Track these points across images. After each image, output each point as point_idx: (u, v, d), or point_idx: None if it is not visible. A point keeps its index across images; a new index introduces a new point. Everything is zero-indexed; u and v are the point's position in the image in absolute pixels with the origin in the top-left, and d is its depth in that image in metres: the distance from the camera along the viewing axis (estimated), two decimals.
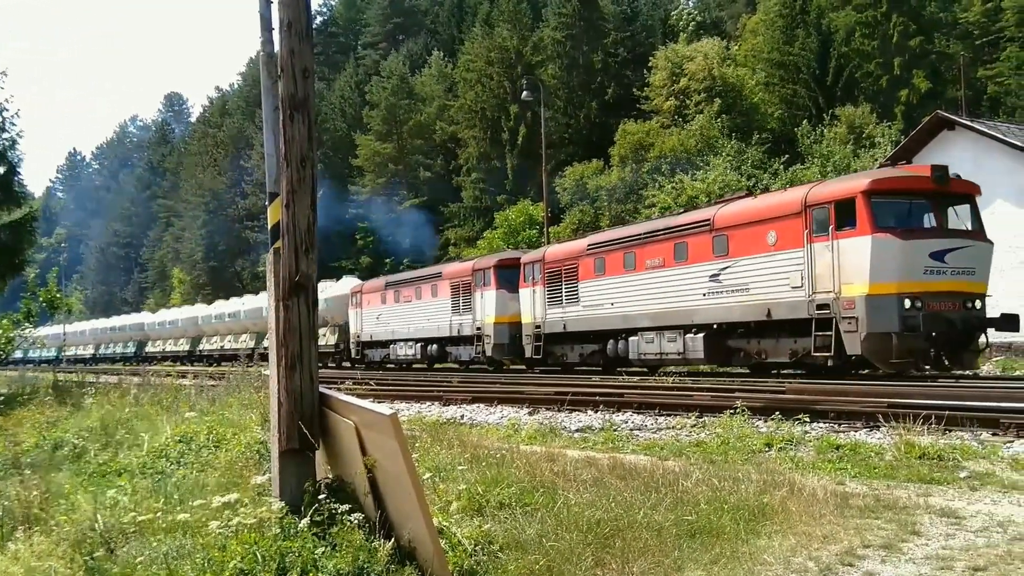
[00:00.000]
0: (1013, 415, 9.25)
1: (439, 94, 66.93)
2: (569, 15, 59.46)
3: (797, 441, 9.43)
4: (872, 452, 8.45)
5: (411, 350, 34.13)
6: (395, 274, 40.72)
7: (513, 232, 46.74)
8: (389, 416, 4.73)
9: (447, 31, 79.52)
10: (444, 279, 32.07)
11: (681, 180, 40.56)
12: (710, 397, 13.45)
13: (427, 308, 32.92)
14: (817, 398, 12.08)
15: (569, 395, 14.53)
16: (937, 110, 28.91)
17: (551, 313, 26.36)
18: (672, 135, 46.53)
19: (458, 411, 15.25)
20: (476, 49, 62.29)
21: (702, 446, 9.43)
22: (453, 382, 21.29)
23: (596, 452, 9.43)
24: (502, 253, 33.60)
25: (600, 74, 59.09)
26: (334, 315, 40.17)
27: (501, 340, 28.40)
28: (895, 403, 10.46)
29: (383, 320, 36.24)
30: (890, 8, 48.77)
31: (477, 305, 29.56)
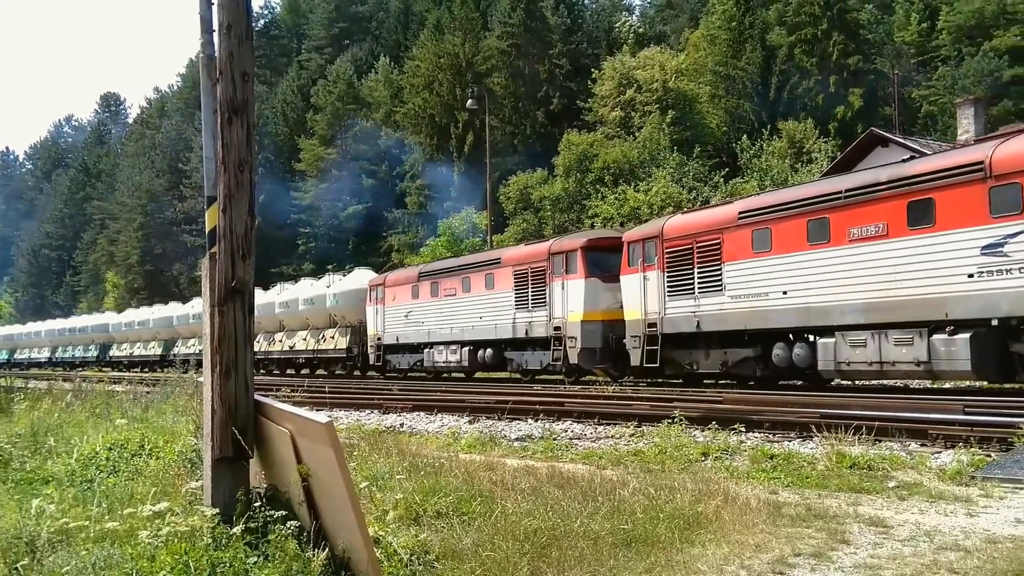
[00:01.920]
0: (941, 426, 9.49)
1: (385, 100, 66.63)
2: (515, 25, 59.73)
3: (733, 451, 9.57)
4: (805, 462, 8.59)
5: (454, 355, 27.82)
6: (432, 262, 34.65)
7: (456, 240, 46.68)
8: (325, 424, 4.67)
9: (392, 37, 79.25)
10: (505, 266, 25.79)
11: (624, 191, 40.94)
12: (649, 407, 13.59)
13: (479, 303, 26.81)
14: (753, 408, 12.27)
15: (510, 404, 14.54)
16: (872, 127, 29.75)
17: (674, 307, 20.06)
18: (615, 147, 46.97)
19: (398, 419, 15.17)
20: (425, 55, 62.17)
21: (640, 455, 9.51)
22: (393, 390, 21.15)
23: (535, 461, 9.45)
24: (590, 232, 26.84)
25: (545, 84, 59.44)
26: (344, 313, 35.28)
27: (591, 343, 22.39)
28: (828, 413, 10.68)
29: (414, 319, 29.95)
30: (829, 26, 49.97)
31: (555, 298, 23.49)
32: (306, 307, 37.58)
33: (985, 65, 46.73)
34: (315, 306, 36.87)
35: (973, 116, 27.05)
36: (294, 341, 38.39)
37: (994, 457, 8.06)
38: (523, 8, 59.60)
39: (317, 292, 37.33)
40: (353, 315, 34.45)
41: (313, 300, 37.11)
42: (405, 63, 66.87)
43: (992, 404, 11.48)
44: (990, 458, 8.04)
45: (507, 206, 48.58)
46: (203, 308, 5.74)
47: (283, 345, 39.31)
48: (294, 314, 38.72)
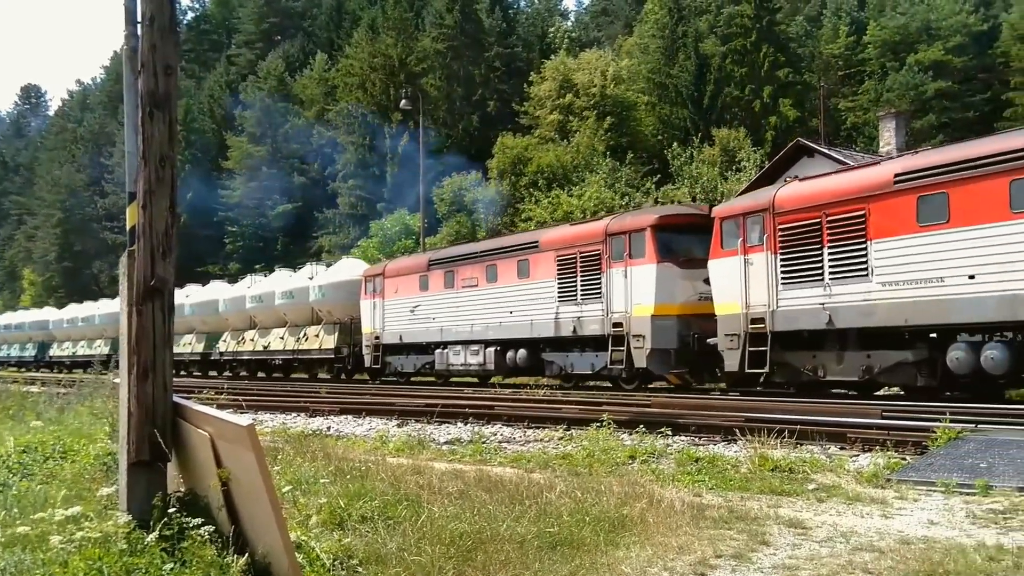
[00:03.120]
0: (859, 430, 9.73)
1: (318, 98, 65.86)
2: (450, 27, 59.65)
3: (659, 454, 9.66)
4: (729, 465, 8.71)
5: (475, 357, 23.78)
6: (447, 247, 30.98)
7: (389, 241, 46.37)
8: (245, 427, 4.56)
9: (325, 34, 78.45)
10: (545, 250, 21.78)
11: (557, 196, 41.18)
12: (578, 410, 13.65)
13: (509, 295, 22.87)
14: (680, 412, 12.44)
15: (439, 407, 14.47)
16: (799, 138, 30.49)
17: (792, 297, 15.93)
18: (549, 151, 47.22)
19: (325, 422, 14.97)
20: (358, 54, 61.66)
21: (568, 458, 9.53)
22: (321, 392, 20.88)
23: (464, 464, 9.40)
24: (661, 208, 22.92)
25: (481, 87, 59.50)
26: (330, 309, 31.30)
27: (664, 342, 18.57)
28: (752, 417, 10.88)
29: (423, 314, 26.05)
30: (759, 38, 51.08)
31: (614, 288, 19.59)
32: (284, 301, 33.76)
33: (909, 79, 48.34)
34: (295, 300, 33.12)
35: (895, 129, 27.85)
36: (268, 340, 34.76)
37: (909, 460, 8.29)
38: (459, 10, 59.55)
39: (297, 284, 33.47)
40: (341, 310, 30.71)
41: (292, 293, 33.31)
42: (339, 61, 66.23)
43: (909, 409, 11.84)
44: (905, 461, 8.27)
45: (440, 208, 48.45)
46: (120, 307, 5.58)
47: (255, 344, 35.50)
48: (269, 309, 34.92)
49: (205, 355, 39.38)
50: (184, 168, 63.85)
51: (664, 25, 53.79)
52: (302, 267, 36.47)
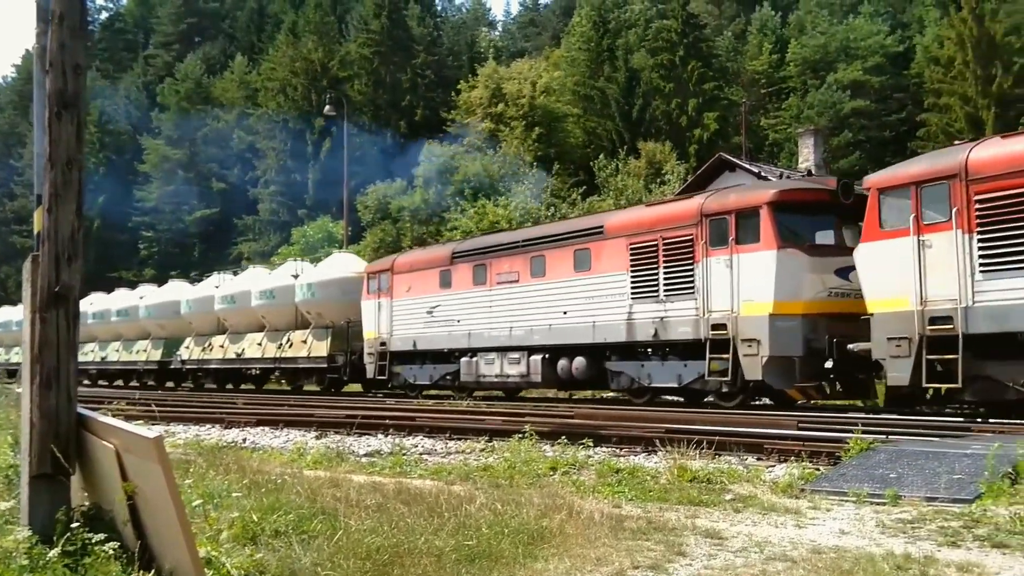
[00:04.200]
0: (775, 440, 9.93)
1: (239, 101, 64.72)
2: (377, 32, 59.30)
3: (581, 465, 9.69)
4: (649, 476, 8.77)
5: (516, 367, 19.96)
6: (476, 236, 26.71)
7: (311, 249, 45.74)
8: (152, 439, 4.41)
9: (246, 37, 77.21)
10: (613, 236, 18.02)
11: (484, 205, 41.20)
12: (501, 421, 13.64)
13: (563, 291, 19.07)
14: (602, 423, 12.52)
15: (359, 418, 14.27)
16: (721, 152, 31.21)
17: (996, 288, 12.36)
18: (476, 160, 47.27)
19: (240, 434, 14.63)
20: (280, 58, 60.83)
21: (490, 470, 9.48)
22: (237, 403, 20.40)
23: (383, 477, 9.27)
24: (779, 182, 17.82)
25: (408, 94, 59.24)
26: (320, 310, 27.48)
27: (786, 349, 14.91)
28: (673, 428, 11.00)
29: (444, 315, 22.24)
30: (687, 53, 52.05)
31: (713, 281, 15.90)
32: (263, 302, 29.78)
33: (828, 97, 49.87)
34: (276, 300, 29.27)
35: (813, 145, 28.65)
36: (242, 346, 30.74)
37: (822, 471, 8.47)
38: (387, 16, 59.27)
39: (279, 283, 29.60)
40: (335, 312, 26.89)
41: (273, 293, 29.53)
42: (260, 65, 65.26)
43: (824, 420, 12.12)
44: (819, 471, 8.44)
45: (364, 216, 48.03)
46: (24, 314, 5.35)
47: (226, 351, 31.41)
48: (243, 311, 30.89)
49: (163, 364, 34.89)
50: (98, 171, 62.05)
51: (590, 38, 54.44)
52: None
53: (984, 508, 6.60)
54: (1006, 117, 36.87)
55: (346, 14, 65.89)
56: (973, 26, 43.06)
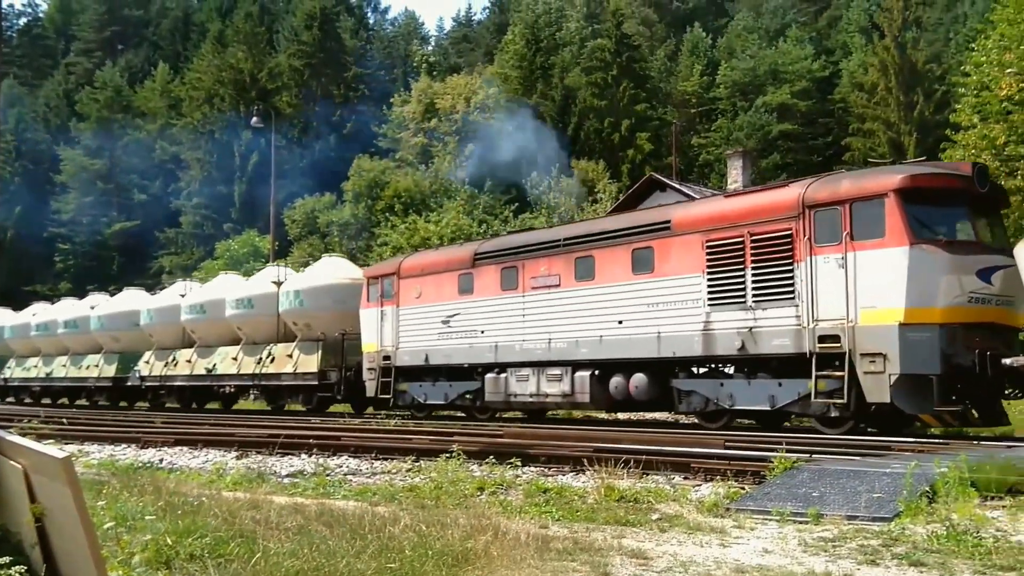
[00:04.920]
0: (702, 460, 9.97)
1: (162, 111, 63.31)
2: (308, 44, 58.74)
3: (508, 485, 9.60)
4: (576, 495, 8.72)
5: (556, 384, 17.43)
6: (504, 236, 23.37)
7: (236, 263, 44.89)
8: (61, 459, 4.20)
9: (171, 45, 75.72)
10: (683, 232, 15.53)
11: (414, 221, 41.00)
12: (429, 441, 13.45)
13: (617, 297, 16.48)
14: (531, 442, 12.43)
15: (282, 438, 13.93)
16: (652, 172, 31.64)
17: None
18: (407, 175, 47.04)
19: (157, 454, 14.16)
20: (206, 67, 59.77)
21: (416, 491, 9.34)
22: (156, 423, 19.77)
23: (305, 498, 9.04)
24: (907, 166, 14.50)
25: (339, 107, 58.73)
26: (309, 320, 24.71)
27: (920, 366, 12.50)
28: (601, 448, 10.96)
29: (463, 325, 19.59)
30: (620, 73, 52.70)
31: (820, 283, 13.51)
32: (239, 312, 27.02)
33: (757, 120, 51.03)
34: (255, 310, 26.57)
35: (741, 167, 29.20)
36: (213, 361, 27.86)
37: (747, 490, 8.52)
38: (319, 27, 58.78)
39: (259, 290, 26.88)
40: (326, 323, 24.21)
41: (252, 302, 26.74)
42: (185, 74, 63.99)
43: (750, 439, 12.24)
44: (744, 490, 8.49)
45: (292, 230, 47.35)
46: None
47: (193, 367, 28.48)
48: (215, 322, 27.95)
49: (118, 380, 31.72)
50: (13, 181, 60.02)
51: (523, 56, 54.81)
52: (262, 269, 30.36)
53: (902, 526, 6.70)
54: (926, 143, 38.17)
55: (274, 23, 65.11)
56: (895, 54, 44.66)
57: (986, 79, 22.68)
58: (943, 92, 43.14)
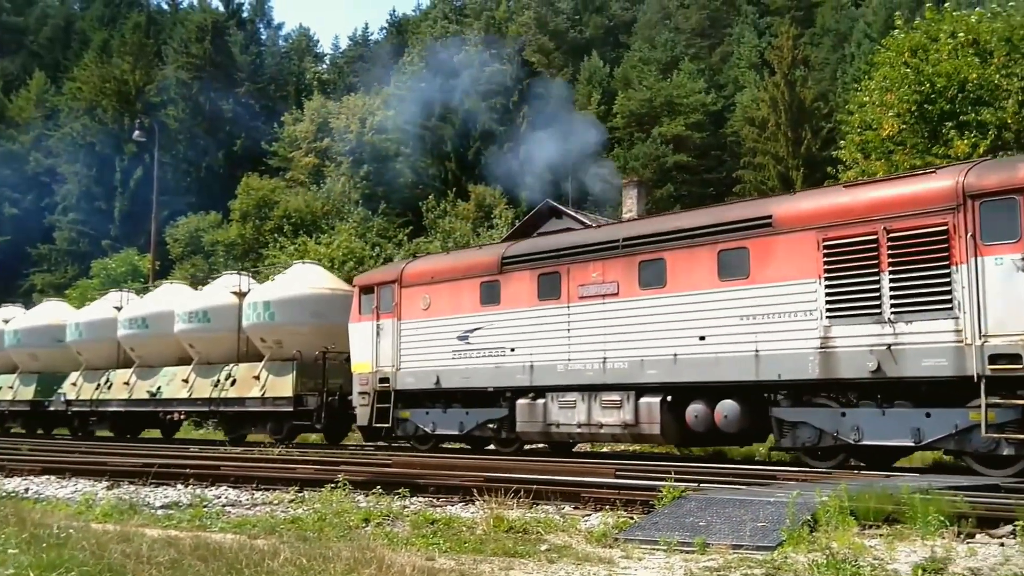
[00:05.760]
0: (593, 489, 9.96)
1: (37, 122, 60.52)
2: (198, 57, 57.26)
3: (395, 516, 9.40)
4: (465, 526, 8.60)
5: (612, 413, 14.73)
6: (540, 237, 20.62)
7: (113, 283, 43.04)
8: None
9: (51, 54, 72.63)
10: (790, 230, 13.04)
11: (304, 243, 40.24)
12: (314, 470, 13.10)
13: (697, 308, 13.94)
14: (420, 472, 12.23)
15: (156, 467, 13.31)
16: (548, 199, 31.97)
17: None
18: (299, 195, 46.19)
19: (23, 483, 13.32)
20: (88, 77, 57.50)
21: (298, 522, 9.06)
22: (21, 448, 18.63)
23: (180, 531, 8.64)
24: None
25: (228, 123, 57.34)
26: (281, 336, 21.69)
27: None
28: (492, 477, 10.85)
29: (485, 342, 16.87)
30: (520, 99, 53.13)
31: (989, 291, 11.26)
32: (191, 326, 23.64)
33: (653, 150, 52.21)
34: (212, 325, 23.30)
35: (636, 196, 29.67)
36: (157, 383, 24.46)
37: (636, 519, 8.54)
38: (210, 40, 57.40)
39: (216, 301, 23.56)
40: (302, 340, 21.27)
41: (207, 314, 23.43)
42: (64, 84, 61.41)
43: (641, 468, 12.33)
44: (633, 520, 8.51)
45: (174, 249, 45.79)
46: None
47: (133, 390, 24.98)
48: (160, 338, 24.54)
49: (37, 405, 28.01)
50: None
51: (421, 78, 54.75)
52: (218, 277, 26.98)
53: (785, 555, 6.79)
54: (813, 177, 39.65)
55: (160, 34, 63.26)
56: (785, 91, 46.52)
57: (869, 119, 23.77)
58: (829, 129, 45.03)
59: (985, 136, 20.90)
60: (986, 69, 21.65)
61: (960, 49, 22.29)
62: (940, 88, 21.94)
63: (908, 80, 22.52)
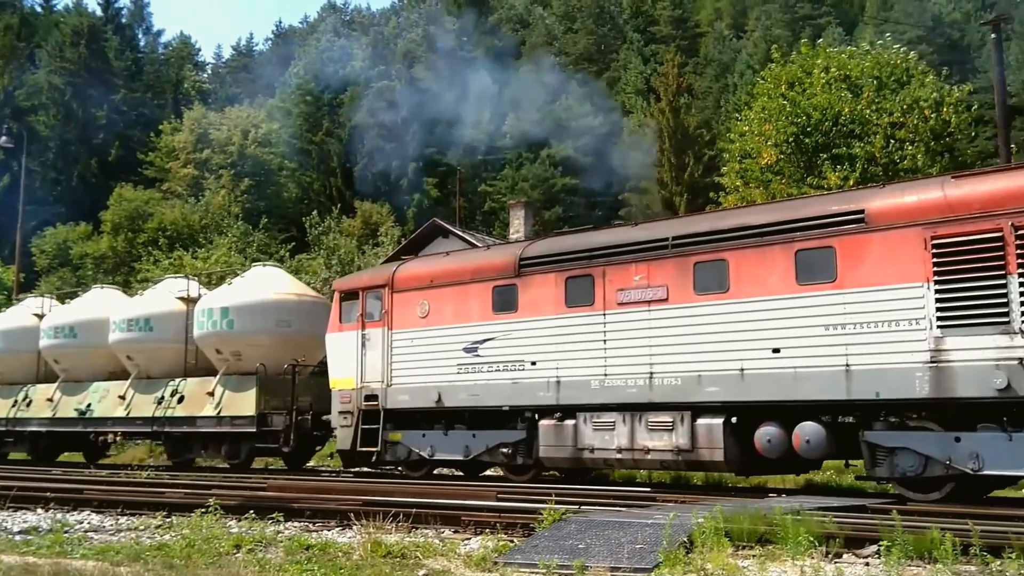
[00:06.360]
0: (473, 513, 9.87)
1: None
2: (73, 61, 54.84)
3: (268, 542, 9.09)
4: (341, 552, 8.39)
5: (668, 436, 12.82)
6: (567, 233, 16.40)
7: None
8: None
9: None
10: (889, 226, 11.34)
11: (180, 256, 38.88)
12: (183, 495, 12.60)
13: (772, 316, 12.15)
14: (296, 495, 11.92)
15: (15, 490, 12.52)
16: (435, 218, 31.81)
17: None
18: (175, 207, 44.65)
19: None
20: None
21: (165, 549, 8.67)
22: None
23: (38, 558, 8.22)
24: None
25: (102, 131, 55.05)
26: (241, 347, 19.53)
27: None
28: (370, 501, 10.66)
29: (497, 355, 14.89)
30: (409, 116, 52.91)
31: None
32: (128, 336, 21.16)
33: (541, 172, 52.76)
34: (155, 334, 20.85)
35: (523, 217, 29.83)
36: (86, 400, 21.96)
37: (516, 542, 8.49)
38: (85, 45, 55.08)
39: (158, 308, 21.22)
40: (265, 352, 19.10)
41: (149, 323, 20.99)
42: None
43: (522, 490, 12.29)
44: (513, 543, 8.46)
45: (40, 261, 43.51)
46: None
47: (57, 407, 22.45)
48: (91, 349, 22.14)
49: None
50: None
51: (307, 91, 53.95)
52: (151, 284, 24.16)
53: None
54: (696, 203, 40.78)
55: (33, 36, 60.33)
56: (670, 117, 47.86)
57: (749, 147, 24.65)
58: (712, 156, 46.51)
59: (854, 169, 21.98)
60: (857, 104, 22.81)
61: (834, 84, 23.44)
62: (816, 121, 23.00)
63: (786, 112, 23.52)
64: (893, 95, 23.12)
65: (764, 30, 62.35)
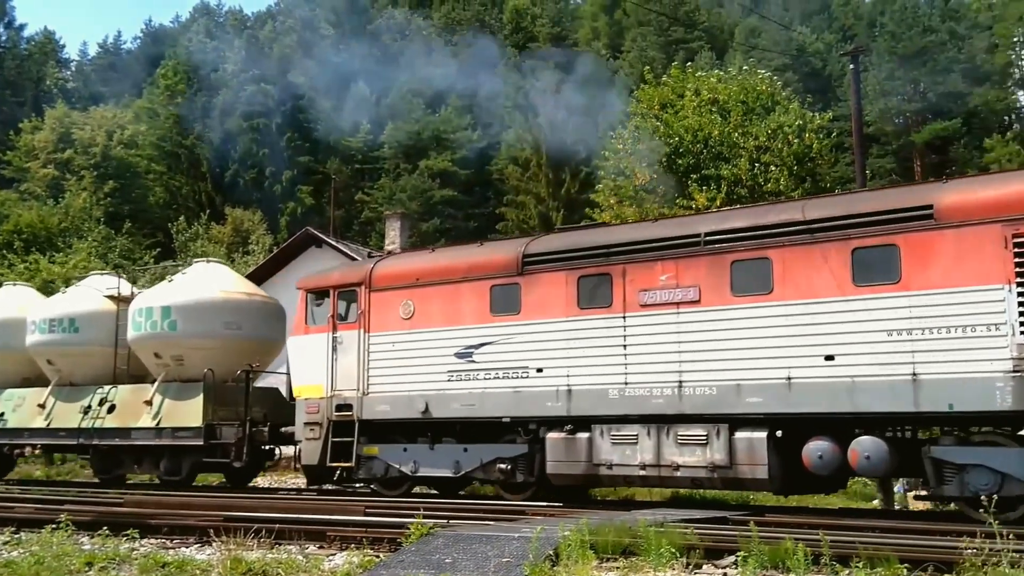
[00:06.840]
0: (339, 528, 9.71)
1: None
2: None
3: (122, 559, 8.74)
4: (199, 569, 8.16)
5: (701, 451, 11.64)
6: (582, 228, 15.63)
7: None
8: None
9: None
10: (961, 223, 10.34)
11: (36, 260, 36.90)
12: (34, 509, 11.98)
13: (824, 320, 11.05)
14: (153, 511, 11.46)
15: None
16: (308, 227, 31.12)
17: None
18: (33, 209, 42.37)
19: None
20: None
21: (12, 567, 8.25)
22: None
23: None
24: None
25: None
26: (184, 352, 17.68)
27: None
28: (232, 516, 10.36)
29: (496, 361, 13.53)
30: (284, 123, 51.76)
31: None
32: (49, 338, 19.26)
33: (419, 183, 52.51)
34: (79, 336, 18.99)
35: (399, 229, 29.54)
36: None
37: (383, 558, 8.39)
38: None
39: (84, 307, 19.31)
40: (212, 356, 17.34)
41: (74, 323, 19.09)
42: None
43: (391, 505, 12.17)
44: (379, 558, 8.36)
45: None
46: None
47: None
48: (5, 353, 20.25)
49: None
50: None
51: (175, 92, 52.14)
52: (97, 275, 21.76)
53: None
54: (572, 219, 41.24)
55: None
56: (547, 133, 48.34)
57: (622, 166, 25.25)
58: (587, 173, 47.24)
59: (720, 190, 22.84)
60: (726, 127, 23.74)
61: (703, 106, 24.33)
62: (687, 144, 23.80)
63: (659, 132, 24.26)
64: (759, 120, 24.17)
65: (639, 51, 64.00)
